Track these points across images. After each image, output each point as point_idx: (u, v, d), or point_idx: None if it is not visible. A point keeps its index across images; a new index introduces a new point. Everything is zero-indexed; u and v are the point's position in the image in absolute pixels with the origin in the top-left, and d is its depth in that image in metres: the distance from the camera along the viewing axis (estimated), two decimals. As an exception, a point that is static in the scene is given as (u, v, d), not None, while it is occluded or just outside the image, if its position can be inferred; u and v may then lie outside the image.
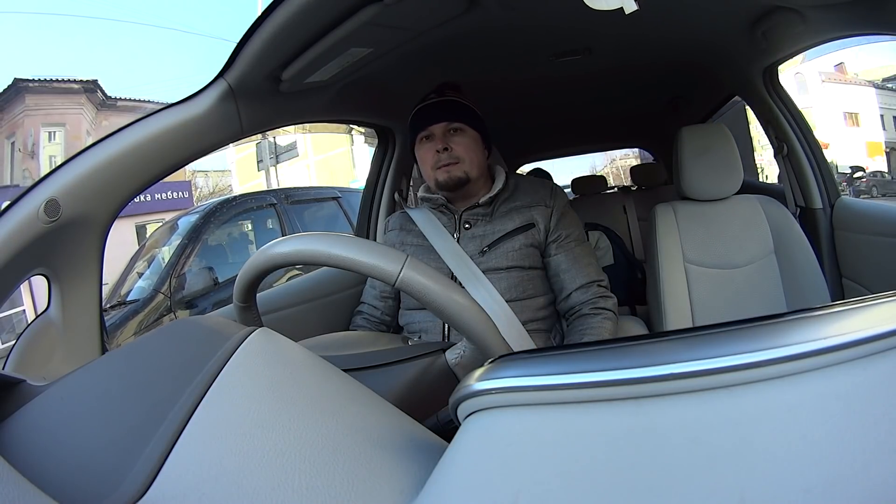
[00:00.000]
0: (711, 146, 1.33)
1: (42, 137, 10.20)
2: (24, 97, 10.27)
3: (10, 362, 0.75)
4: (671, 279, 1.30)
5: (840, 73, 11.80)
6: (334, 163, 14.73)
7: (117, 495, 0.27)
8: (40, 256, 0.76)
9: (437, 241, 1.08)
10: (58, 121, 10.42)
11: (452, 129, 1.08)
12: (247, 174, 17.26)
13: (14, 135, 10.25)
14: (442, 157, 1.07)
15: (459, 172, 1.07)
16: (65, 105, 10.53)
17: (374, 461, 0.31)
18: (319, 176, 14.80)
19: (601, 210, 2.54)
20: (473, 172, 1.09)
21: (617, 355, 0.27)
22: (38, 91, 10.44)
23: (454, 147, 1.07)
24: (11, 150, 10.26)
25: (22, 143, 10.21)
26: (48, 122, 10.46)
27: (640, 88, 1.91)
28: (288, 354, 0.39)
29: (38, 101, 10.39)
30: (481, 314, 0.48)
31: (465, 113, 1.10)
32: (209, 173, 15.32)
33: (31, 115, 10.27)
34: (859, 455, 0.22)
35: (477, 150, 1.10)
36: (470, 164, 1.08)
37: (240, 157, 17.04)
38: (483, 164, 1.12)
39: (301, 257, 0.49)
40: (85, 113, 10.81)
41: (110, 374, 0.39)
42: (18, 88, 10.31)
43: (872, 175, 10.99)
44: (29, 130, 10.16)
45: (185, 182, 13.55)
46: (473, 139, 1.09)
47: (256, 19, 0.79)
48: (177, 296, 2.87)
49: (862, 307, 0.28)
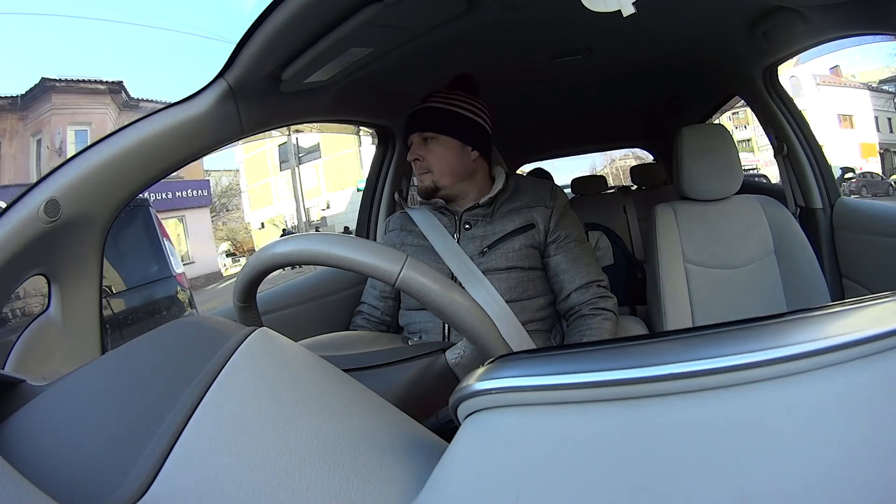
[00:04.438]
0: (711, 146, 1.33)
1: (69, 136, 10.30)
2: (50, 96, 10.52)
3: (10, 362, 0.75)
4: (671, 279, 1.30)
5: (835, 76, 11.90)
6: (342, 163, 14.83)
7: (117, 495, 0.27)
8: (40, 256, 0.76)
9: (437, 241, 1.08)
10: (84, 120, 10.63)
11: (425, 137, 1.09)
12: (255, 174, 17.35)
13: (40, 132, 10.50)
14: (416, 165, 1.11)
15: (428, 182, 1.10)
16: (91, 105, 10.83)
17: (374, 461, 0.31)
18: (327, 176, 14.91)
19: (601, 210, 2.54)
20: (444, 181, 1.09)
21: (617, 355, 0.27)
22: (65, 91, 10.71)
23: (425, 156, 1.09)
24: (38, 147, 10.41)
25: (49, 140, 10.36)
26: (74, 122, 10.63)
27: (641, 88, 1.91)
28: (288, 354, 0.39)
29: (65, 100, 10.65)
30: (481, 314, 0.48)
31: (442, 119, 1.09)
32: (223, 172, 15.48)
33: (58, 113, 10.52)
34: (859, 455, 0.22)
35: (450, 157, 1.09)
36: (439, 173, 1.09)
37: (248, 156, 17.14)
38: (460, 168, 1.10)
39: (301, 257, 0.49)
40: (110, 113, 10.97)
41: (110, 374, 0.39)
42: (45, 87, 10.56)
43: (862, 176, 11.14)
44: (57, 129, 10.36)
45: (204, 181, 13.86)
46: (447, 146, 1.09)
47: (256, 19, 0.79)
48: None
49: (862, 307, 0.28)
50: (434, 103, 1.10)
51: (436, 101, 1.11)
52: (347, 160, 14.75)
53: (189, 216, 13.06)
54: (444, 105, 1.10)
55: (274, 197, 17.27)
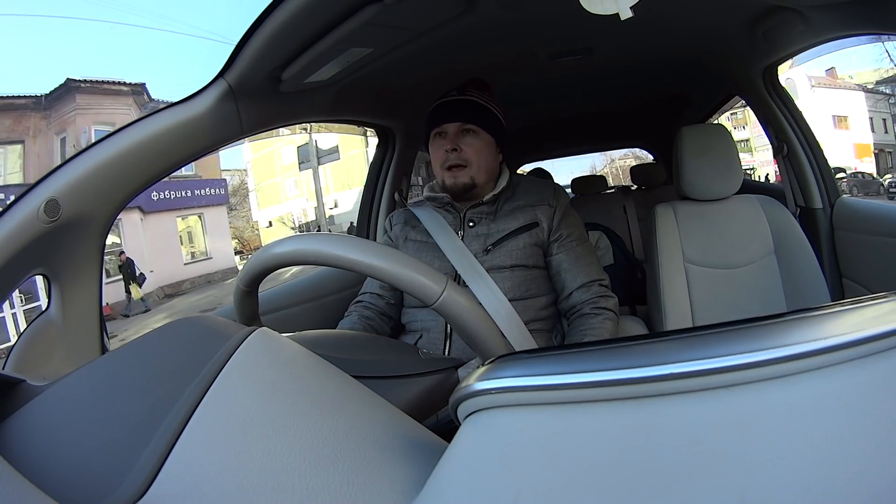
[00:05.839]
0: (711, 146, 1.33)
1: (93, 135, 10.52)
2: (74, 96, 10.79)
3: (10, 362, 0.75)
4: (671, 279, 1.30)
5: (831, 77, 11.99)
6: (349, 164, 14.94)
7: (117, 495, 0.27)
8: (40, 256, 0.76)
9: (441, 238, 1.08)
10: (108, 120, 10.92)
11: (465, 129, 1.08)
12: (263, 174, 17.47)
13: (65, 131, 10.75)
14: (451, 156, 1.07)
15: (466, 178, 1.08)
16: (114, 106, 11.10)
17: (374, 461, 0.31)
18: (335, 176, 15.03)
19: (601, 210, 2.54)
20: (480, 177, 1.09)
21: (617, 355, 0.27)
22: (89, 91, 11.01)
23: (464, 148, 1.07)
24: (62, 145, 10.62)
25: (75, 139, 10.60)
26: (99, 121, 10.88)
27: (640, 88, 1.91)
28: (288, 354, 0.39)
29: (90, 100, 10.94)
30: (484, 315, 0.47)
31: (483, 115, 1.09)
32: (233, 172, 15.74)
33: (82, 113, 10.79)
34: (859, 455, 0.22)
35: (488, 153, 1.09)
36: (477, 168, 1.08)
37: (255, 156, 17.29)
38: (492, 167, 1.11)
39: (302, 257, 0.49)
40: (132, 113, 11.32)
41: (110, 374, 0.39)
42: (69, 88, 10.82)
43: (853, 176, 11.27)
44: (83, 128, 10.61)
45: (221, 180, 14.31)
46: (486, 143, 1.09)
47: (256, 19, 0.79)
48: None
49: (862, 307, 0.28)
50: (472, 97, 1.09)
51: (472, 95, 1.10)
52: (354, 161, 14.86)
53: (207, 214, 13.45)
54: (483, 101, 1.09)
55: (282, 196, 17.44)
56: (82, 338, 0.82)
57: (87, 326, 0.83)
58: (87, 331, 0.83)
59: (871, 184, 11.18)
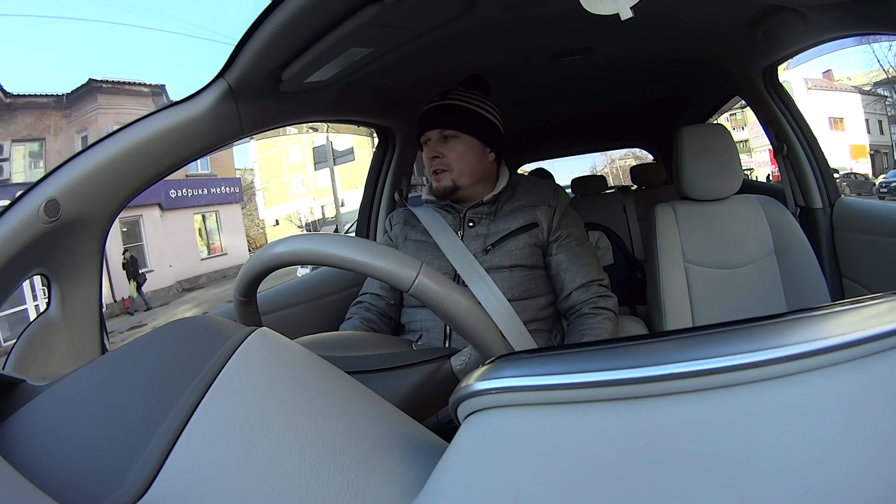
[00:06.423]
0: (711, 146, 1.33)
1: None
2: (96, 96, 11.05)
3: (10, 362, 0.75)
4: (671, 279, 1.30)
5: (827, 79, 12.07)
6: (355, 164, 15.02)
7: (117, 495, 0.27)
8: (40, 256, 0.76)
9: (440, 238, 1.08)
10: (128, 121, 10.92)
11: (446, 135, 1.08)
12: (270, 173, 17.58)
13: (85, 129, 10.97)
14: (433, 162, 1.09)
15: (447, 182, 1.08)
16: (134, 106, 11.28)
17: (374, 461, 0.31)
18: (342, 176, 15.15)
19: (601, 210, 2.54)
20: (463, 181, 1.09)
21: (617, 355, 0.27)
22: (111, 91, 11.28)
23: (446, 154, 1.08)
24: (83, 144, 10.82)
25: (97, 137, 10.85)
26: (119, 121, 11.07)
27: (641, 88, 1.91)
28: (288, 354, 0.39)
29: (111, 100, 11.20)
30: (491, 325, 0.48)
31: (464, 118, 1.08)
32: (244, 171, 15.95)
33: (103, 112, 11.01)
34: (859, 455, 0.22)
35: (471, 156, 1.08)
36: (459, 172, 1.08)
37: (262, 156, 17.41)
38: (478, 169, 1.10)
39: (302, 257, 0.49)
40: None
41: (110, 374, 0.39)
42: (91, 88, 11.08)
43: (846, 176, 11.41)
44: (105, 126, 10.75)
45: (235, 178, 14.65)
46: (468, 146, 1.08)
47: (256, 19, 0.79)
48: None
49: (862, 307, 0.28)
50: (455, 101, 1.09)
51: (456, 98, 1.09)
52: (361, 161, 14.94)
53: (222, 211, 13.74)
54: (466, 104, 1.09)
55: (289, 195, 17.56)
56: (82, 338, 0.82)
57: (88, 326, 0.83)
58: (87, 331, 0.83)
59: (863, 184, 11.44)
